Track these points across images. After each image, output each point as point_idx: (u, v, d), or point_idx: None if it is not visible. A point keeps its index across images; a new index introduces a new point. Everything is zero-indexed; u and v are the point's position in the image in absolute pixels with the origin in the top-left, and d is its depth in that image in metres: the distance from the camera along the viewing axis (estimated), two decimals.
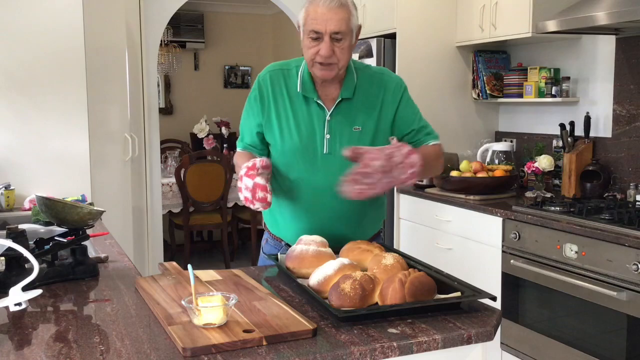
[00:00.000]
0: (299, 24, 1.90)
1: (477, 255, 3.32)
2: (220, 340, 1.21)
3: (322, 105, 1.94)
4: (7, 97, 3.00)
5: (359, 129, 1.94)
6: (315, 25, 1.81)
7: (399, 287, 1.40)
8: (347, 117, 1.94)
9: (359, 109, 1.96)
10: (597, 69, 3.43)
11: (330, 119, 1.94)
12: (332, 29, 1.80)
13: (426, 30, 3.93)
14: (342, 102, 1.94)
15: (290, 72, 1.98)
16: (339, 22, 1.81)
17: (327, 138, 1.93)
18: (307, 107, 1.95)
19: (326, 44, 1.81)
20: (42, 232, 2.05)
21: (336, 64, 1.86)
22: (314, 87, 1.94)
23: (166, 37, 6.29)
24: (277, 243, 2.09)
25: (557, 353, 2.87)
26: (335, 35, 1.82)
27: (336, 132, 1.93)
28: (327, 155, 1.93)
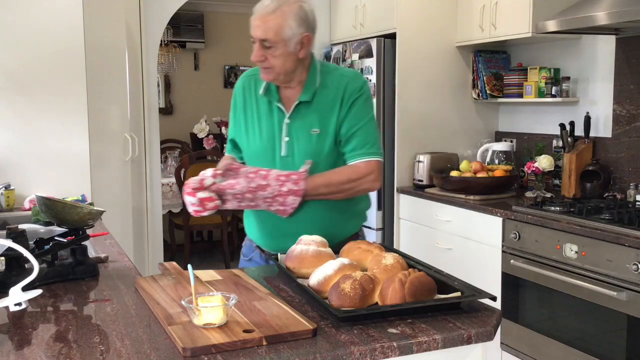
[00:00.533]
0: None
1: (477, 255, 3.32)
2: (220, 340, 1.21)
3: (282, 108, 1.96)
4: (7, 97, 3.00)
5: (317, 132, 1.94)
6: (250, 29, 1.87)
7: (399, 287, 1.40)
8: (305, 120, 1.95)
9: (317, 112, 1.95)
10: (597, 69, 3.43)
11: (289, 122, 1.95)
12: (258, 35, 1.84)
13: (426, 30, 3.93)
14: (300, 105, 1.95)
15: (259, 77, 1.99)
16: (265, 30, 1.83)
17: (286, 141, 1.94)
18: (270, 110, 1.99)
19: (256, 49, 1.86)
20: (42, 232, 2.05)
21: (271, 68, 1.88)
22: (277, 90, 1.98)
23: (166, 37, 6.29)
24: (251, 244, 2.12)
25: (557, 353, 2.87)
26: (263, 42, 1.85)
27: (294, 135, 1.94)
28: (286, 158, 1.94)
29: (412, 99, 3.95)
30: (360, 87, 1.97)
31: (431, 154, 3.89)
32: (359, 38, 4.21)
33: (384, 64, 3.94)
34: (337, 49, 4.36)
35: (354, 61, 4.14)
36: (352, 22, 4.36)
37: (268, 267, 1.86)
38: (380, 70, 3.93)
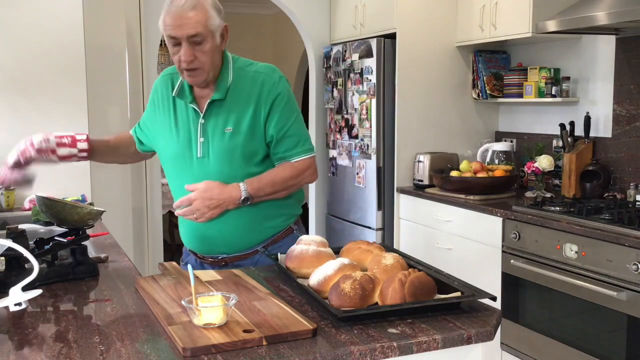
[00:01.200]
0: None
1: (477, 255, 3.32)
2: (220, 340, 1.21)
3: (196, 108, 1.91)
4: (6, 97, 3.00)
5: (230, 130, 1.87)
6: (171, 30, 1.76)
7: (399, 287, 1.40)
8: (218, 118, 1.89)
9: (231, 109, 1.88)
10: (597, 69, 3.43)
11: (203, 122, 1.90)
12: (187, 32, 1.75)
13: (426, 30, 3.93)
14: (213, 104, 1.89)
15: (175, 77, 1.95)
16: (194, 25, 1.75)
17: (201, 141, 1.89)
18: (185, 111, 1.93)
19: (184, 49, 1.76)
20: (42, 232, 2.05)
21: (201, 68, 1.81)
22: (190, 91, 1.91)
23: None
24: (185, 249, 2.09)
25: (557, 353, 2.87)
26: (193, 38, 1.76)
27: (208, 134, 1.90)
28: (201, 159, 1.89)
29: (412, 99, 3.95)
30: (277, 82, 1.91)
31: (431, 154, 3.89)
32: (359, 38, 4.21)
33: (384, 64, 3.94)
34: (337, 49, 4.37)
35: (354, 61, 4.14)
36: (352, 22, 4.37)
37: (268, 267, 1.85)
38: (380, 70, 3.93)
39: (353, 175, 4.24)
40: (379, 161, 4.00)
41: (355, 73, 4.13)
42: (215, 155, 1.88)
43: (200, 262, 2.02)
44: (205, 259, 2.01)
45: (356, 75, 4.12)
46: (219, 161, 1.88)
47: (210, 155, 1.89)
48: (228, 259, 1.98)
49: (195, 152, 1.90)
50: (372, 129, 3.97)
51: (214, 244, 1.96)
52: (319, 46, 4.69)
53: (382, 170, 4.01)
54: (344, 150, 4.33)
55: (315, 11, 4.66)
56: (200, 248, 2.00)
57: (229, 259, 1.97)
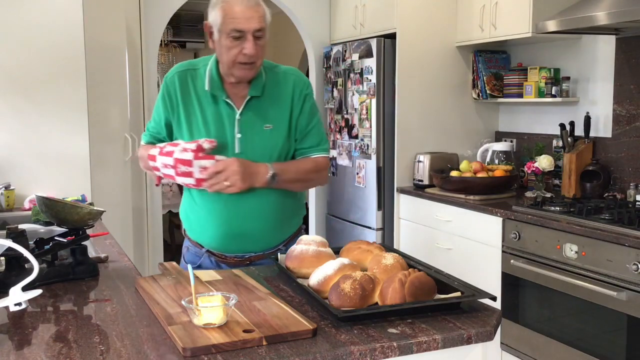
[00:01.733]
0: (211, 25, 1.86)
1: (477, 255, 3.32)
2: (220, 340, 1.21)
3: (231, 104, 1.91)
4: (7, 97, 3.00)
5: (270, 127, 1.92)
6: (238, 24, 1.78)
7: (399, 287, 1.40)
8: (257, 115, 1.92)
9: (269, 107, 1.93)
10: (597, 69, 3.42)
11: (240, 118, 1.90)
12: (255, 26, 1.79)
13: (426, 30, 3.93)
14: (251, 100, 1.91)
15: (198, 72, 1.95)
16: (259, 19, 1.80)
17: (238, 137, 1.90)
18: (216, 106, 1.92)
19: (251, 43, 1.80)
20: (42, 232, 2.05)
21: (256, 62, 1.85)
22: (222, 86, 1.91)
23: (166, 37, 6.29)
24: (198, 250, 2.02)
25: (557, 353, 2.87)
26: (258, 32, 1.81)
27: (247, 131, 1.91)
28: (239, 155, 1.89)
29: (412, 99, 3.95)
30: (308, 84, 2.01)
31: (431, 154, 3.89)
32: (359, 38, 4.21)
33: (384, 64, 3.94)
34: (337, 49, 4.37)
35: (354, 61, 4.14)
36: (352, 22, 4.36)
37: (268, 267, 1.85)
38: (380, 70, 3.93)
39: (353, 175, 4.24)
40: (379, 161, 4.00)
41: (355, 73, 4.13)
42: (255, 151, 1.90)
43: (218, 262, 1.98)
44: (227, 259, 1.98)
45: (356, 75, 4.12)
46: (257, 158, 1.89)
47: (249, 151, 1.89)
48: (254, 257, 1.98)
49: (232, 147, 1.90)
50: (372, 129, 3.97)
51: (244, 242, 1.95)
52: (319, 46, 4.69)
53: (382, 170, 4.01)
54: (344, 150, 4.33)
55: (315, 11, 4.66)
56: (228, 247, 1.97)
57: (255, 257, 1.98)
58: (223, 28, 1.80)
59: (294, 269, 1.66)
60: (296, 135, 1.97)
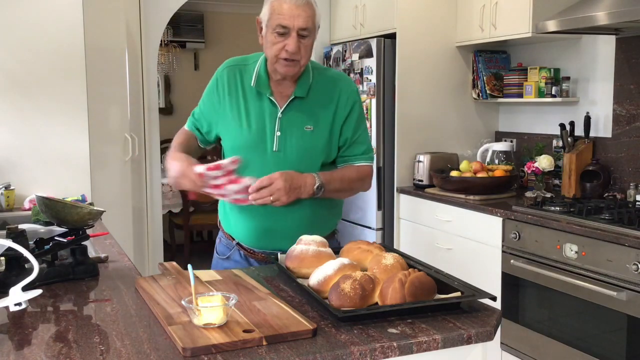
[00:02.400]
0: (260, 20, 1.89)
1: (477, 255, 3.32)
2: (220, 340, 1.21)
3: (274, 101, 1.92)
4: (7, 97, 3.00)
5: (311, 129, 1.93)
6: (283, 20, 1.80)
7: (399, 287, 1.40)
8: (299, 115, 1.93)
9: (312, 108, 1.94)
10: (597, 69, 3.43)
11: (281, 117, 1.92)
12: (300, 24, 1.81)
13: (426, 30, 3.93)
14: (295, 100, 1.92)
15: (247, 68, 1.97)
16: (306, 19, 1.81)
17: (278, 135, 1.91)
18: (260, 103, 1.93)
19: (293, 39, 1.81)
20: (42, 232, 2.05)
21: (299, 60, 1.85)
22: (268, 83, 1.93)
23: (166, 37, 6.29)
24: (229, 242, 2.06)
25: (557, 353, 2.87)
26: (303, 31, 1.82)
27: (287, 130, 1.91)
28: (277, 153, 1.91)
29: (412, 99, 3.95)
30: (356, 91, 2.03)
31: (431, 154, 3.89)
32: (359, 38, 4.21)
33: (384, 64, 3.94)
34: (337, 49, 4.37)
35: (354, 61, 4.14)
36: (352, 22, 4.36)
37: (268, 267, 1.85)
38: (380, 70, 3.93)
39: None
40: (379, 161, 4.00)
41: (355, 73, 4.13)
42: (293, 151, 1.91)
43: (247, 256, 2.01)
44: (256, 254, 1.99)
45: (356, 75, 4.12)
46: (295, 157, 1.90)
47: (287, 150, 1.91)
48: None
49: (271, 145, 1.91)
50: (372, 129, 3.97)
51: (275, 238, 1.94)
52: (319, 46, 4.69)
53: (382, 170, 4.01)
54: None
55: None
56: (258, 242, 1.98)
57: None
58: (270, 23, 1.83)
59: (294, 269, 1.66)
60: (340, 142, 1.98)
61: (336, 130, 1.97)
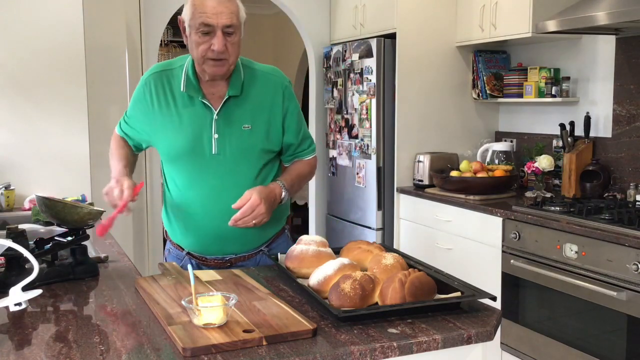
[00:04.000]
0: (183, 20, 1.82)
1: (477, 255, 3.32)
2: (220, 340, 1.21)
3: (208, 104, 1.87)
4: (7, 97, 3.00)
5: (249, 127, 1.88)
6: (206, 18, 1.74)
7: (399, 287, 1.40)
8: (235, 115, 1.87)
9: (247, 106, 1.89)
10: (597, 69, 3.43)
11: (217, 118, 1.86)
12: (224, 22, 1.74)
13: (426, 30, 3.93)
14: (229, 100, 1.87)
15: (174, 72, 1.91)
16: (230, 15, 1.75)
17: (216, 138, 1.86)
18: (193, 107, 1.87)
19: (219, 38, 1.75)
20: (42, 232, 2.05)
21: (227, 59, 1.79)
22: (198, 86, 1.87)
23: (166, 37, 6.29)
24: (179, 252, 2.00)
25: (557, 353, 2.87)
26: (227, 28, 1.76)
27: (224, 131, 1.87)
28: (217, 156, 1.87)
29: (412, 99, 3.95)
30: (288, 87, 1.97)
31: (431, 154, 3.89)
32: (359, 38, 4.21)
33: (384, 64, 3.94)
34: (337, 49, 4.37)
35: (354, 61, 4.14)
36: (352, 22, 4.36)
37: (268, 267, 1.85)
38: (380, 70, 3.93)
39: (353, 175, 4.24)
40: (379, 161, 4.00)
41: (355, 73, 4.13)
42: (233, 152, 1.87)
43: (199, 264, 1.97)
44: (208, 261, 1.96)
45: (356, 75, 4.12)
46: (236, 158, 1.88)
47: (226, 152, 1.87)
48: (234, 259, 1.95)
49: (209, 148, 1.86)
50: (372, 129, 3.97)
51: (226, 243, 1.93)
52: (319, 46, 4.69)
53: (382, 170, 4.01)
54: (344, 150, 4.33)
55: (315, 11, 4.66)
56: (209, 249, 1.95)
57: (235, 259, 1.96)
58: (192, 22, 1.77)
59: (294, 269, 1.66)
60: (285, 143, 1.97)
61: (274, 127, 1.92)
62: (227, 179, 1.87)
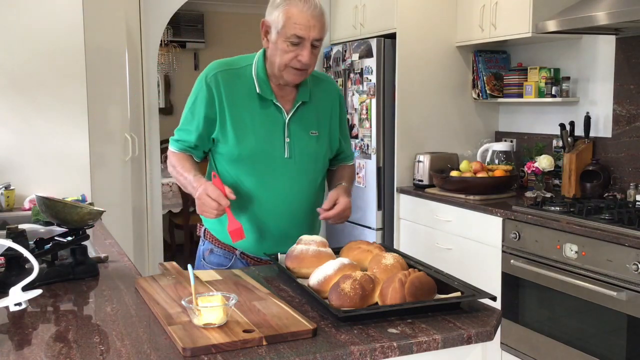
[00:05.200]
0: (269, 24, 1.82)
1: (477, 255, 3.32)
2: (220, 340, 1.21)
3: (280, 107, 1.88)
4: (7, 97, 3.00)
5: (316, 134, 1.94)
6: (299, 30, 1.76)
7: (399, 287, 1.40)
8: (305, 120, 1.92)
9: (314, 113, 1.95)
10: (597, 69, 3.42)
11: (289, 122, 1.89)
12: (315, 35, 1.79)
13: (426, 30, 3.93)
14: (300, 105, 1.91)
15: (241, 72, 1.90)
16: (321, 29, 1.80)
17: (287, 142, 1.88)
18: (265, 109, 1.88)
19: (308, 50, 1.79)
20: (42, 232, 2.05)
21: (306, 70, 1.84)
22: (271, 89, 1.89)
23: (166, 37, 6.29)
24: (228, 253, 1.97)
25: (557, 353, 2.87)
26: (316, 42, 1.80)
27: (295, 135, 1.90)
28: (288, 160, 1.88)
29: (412, 99, 3.95)
30: (339, 89, 2.09)
31: (431, 154, 3.89)
32: (359, 38, 4.21)
33: (384, 64, 3.94)
34: (337, 49, 4.36)
35: (354, 61, 4.14)
36: (352, 22, 4.36)
37: (268, 267, 1.85)
38: (380, 70, 3.93)
39: None
40: (379, 161, 4.00)
41: (355, 73, 4.13)
42: (302, 157, 1.91)
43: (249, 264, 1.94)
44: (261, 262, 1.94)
45: (356, 75, 4.12)
46: (304, 163, 1.91)
47: (296, 157, 1.90)
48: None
49: (281, 152, 1.88)
50: (372, 129, 3.97)
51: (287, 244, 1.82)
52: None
53: (382, 170, 4.01)
54: None
55: None
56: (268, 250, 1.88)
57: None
58: (283, 31, 1.78)
59: (294, 269, 1.66)
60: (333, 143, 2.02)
61: (334, 134, 2.00)
62: (296, 183, 1.90)
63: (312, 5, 1.78)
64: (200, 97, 1.89)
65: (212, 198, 1.74)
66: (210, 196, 1.74)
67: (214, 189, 1.75)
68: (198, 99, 1.89)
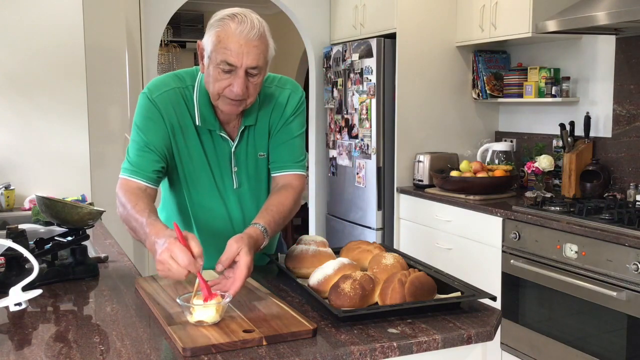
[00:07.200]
0: (203, 48, 1.59)
1: (477, 255, 3.32)
2: (220, 340, 1.21)
3: (225, 137, 1.72)
4: (7, 97, 3.00)
5: (264, 156, 1.77)
6: (229, 57, 1.52)
7: (399, 287, 1.40)
8: (251, 144, 1.75)
9: (260, 134, 1.76)
10: (597, 69, 3.43)
11: (235, 150, 1.74)
12: (249, 63, 1.53)
13: (426, 30, 3.93)
14: (244, 130, 1.73)
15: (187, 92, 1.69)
16: (257, 56, 1.54)
17: (235, 171, 1.75)
18: (212, 139, 1.72)
19: (241, 80, 1.55)
20: (42, 232, 2.05)
21: (245, 100, 1.61)
22: (214, 117, 1.68)
23: (166, 37, 6.30)
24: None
25: (557, 353, 2.87)
26: (252, 70, 1.55)
27: (242, 163, 1.75)
28: (237, 190, 1.77)
29: (412, 99, 3.95)
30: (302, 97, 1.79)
31: (431, 154, 3.89)
32: (359, 38, 4.21)
33: (384, 64, 3.94)
34: (337, 49, 4.37)
35: (354, 61, 4.14)
36: (352, 22, 4.36)
37: (268, 267, 1.85)
38: (380, 70, 3.93)
39: (353, 175, 4.24)
40: (379, 161, 4.00)
41: (355, 73, 4.13)
42: (250, 184, 1.78)
43: None
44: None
45: (356, 75, 4.12)
46: (253, 189, 1.79)
47: (244, 185, 1.77)
48: None
49: (230, 183, 1.76)
50: (372, 129, 3.97)
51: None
52: (319, 46, 4.69)
53: (382, 170, 4.01)
54: (344, 150, 4.33)
55: (315, 11, 4.66)
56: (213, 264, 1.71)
57: None
58: (213, 56, 1.55)
59: (294, 269, 1.66)
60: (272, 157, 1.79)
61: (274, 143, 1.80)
62: (245, 209, 1.80)
63: (249, 27, 1.52)
64: (149, 116, 1.67)
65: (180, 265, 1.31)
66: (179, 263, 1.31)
67: (182, 253, 1.31)
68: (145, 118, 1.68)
